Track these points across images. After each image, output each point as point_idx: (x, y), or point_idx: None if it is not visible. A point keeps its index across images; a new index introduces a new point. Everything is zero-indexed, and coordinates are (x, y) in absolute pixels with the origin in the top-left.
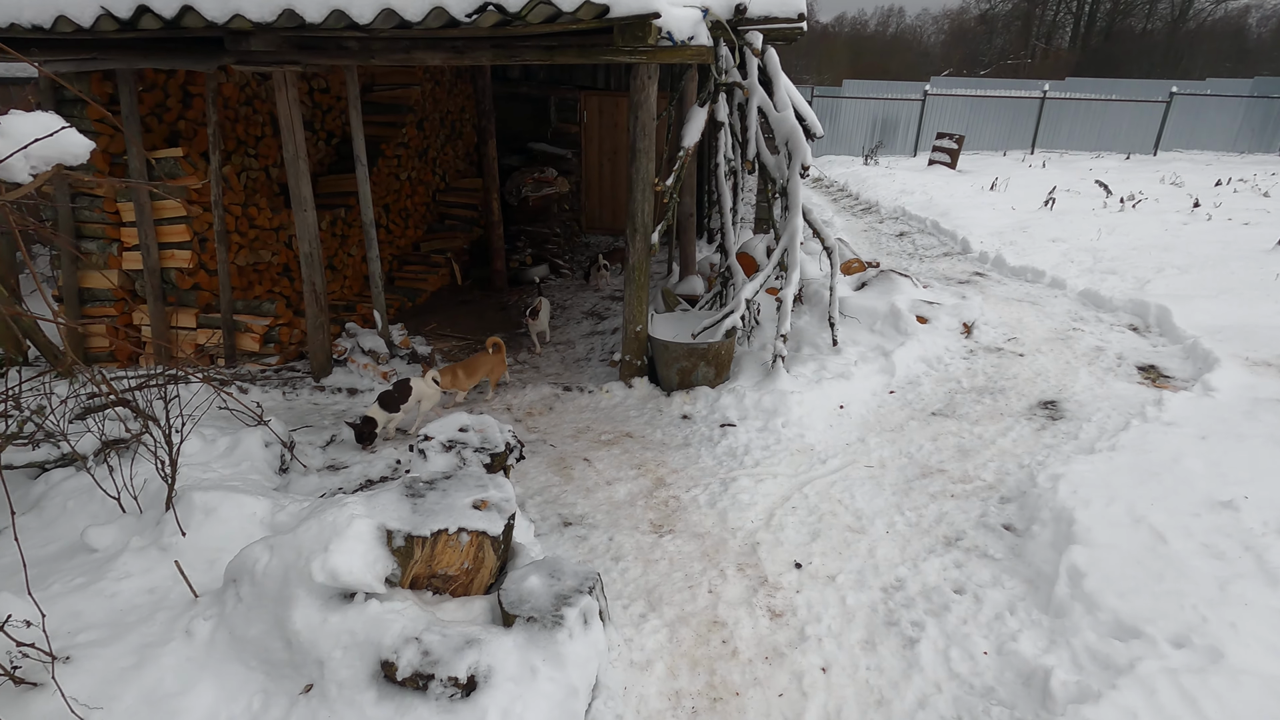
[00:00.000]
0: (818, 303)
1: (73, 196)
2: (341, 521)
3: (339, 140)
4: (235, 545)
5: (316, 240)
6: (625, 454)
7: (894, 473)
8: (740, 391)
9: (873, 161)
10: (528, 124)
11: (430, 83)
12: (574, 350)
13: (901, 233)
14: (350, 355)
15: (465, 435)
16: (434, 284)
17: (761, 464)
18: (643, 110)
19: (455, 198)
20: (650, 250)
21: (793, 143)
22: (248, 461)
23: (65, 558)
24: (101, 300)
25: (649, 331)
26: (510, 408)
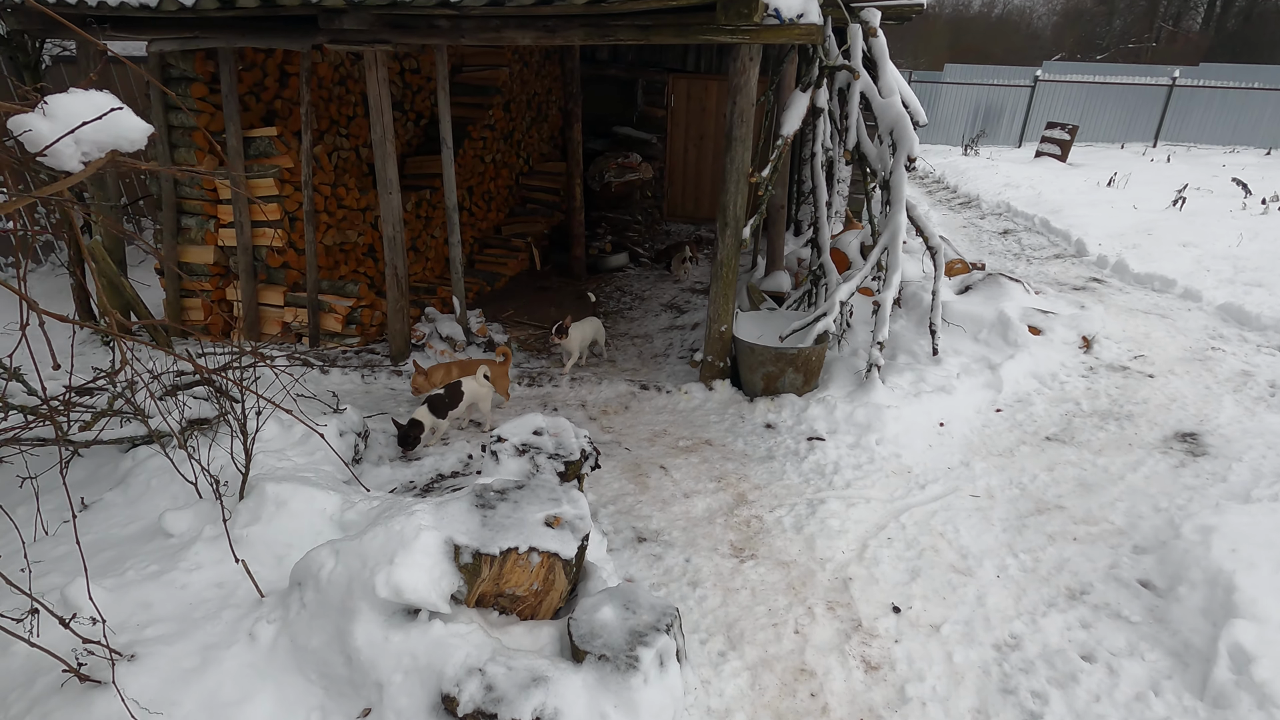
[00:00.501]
0: (916, 306)
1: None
2: (409, 533)
3: (427, 121)
4: (304, 541)
5: (400, 224)
6: (704, 464)
7: (1004, 506)
8: (830, 402)
9: (973, 152)
10: (613, 107)
11: (518, 64)
12: (652, 345)
13: (1005, 230)
14: (428, 341)
15: (539, 439)
16: (513, 269)
17: (853, 485)
18: (742, 95)
19: (538, 181)
20: (741, 246)
21: (898, 132)
22: (321, 451)
23: (144, 540)
24: (198, 275)
25: (733, 331)
26: (585, 404)
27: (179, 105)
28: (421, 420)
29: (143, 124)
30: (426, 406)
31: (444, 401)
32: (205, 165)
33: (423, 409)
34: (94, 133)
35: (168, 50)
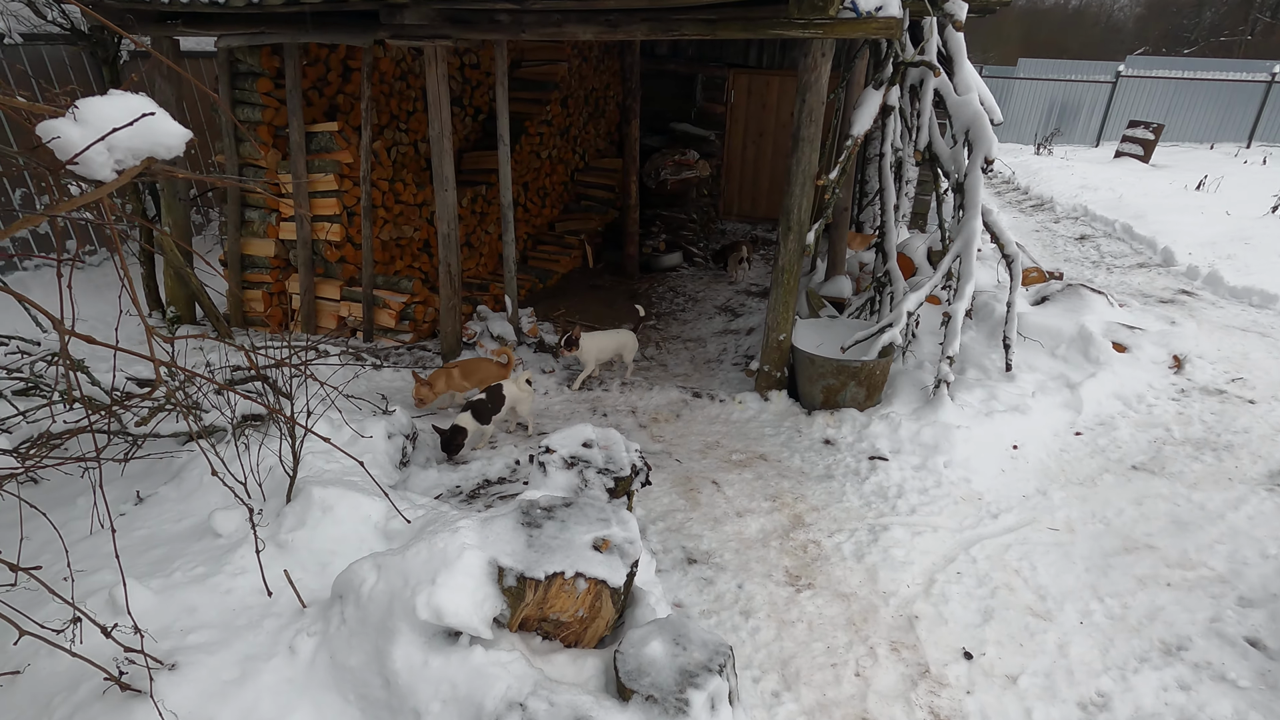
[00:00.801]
0: (987, 317)
1: (240, 167)
2: (451, 551)
3: (485, 116)
4: (348, 549)
5: (455, 221)
6: (758, 480)
7: (1086, 542)
8: (894, 419)
9: (1046, 151)
10: (671, 103)
11: (577, 59)
12: (705, 349)
13: (1082, 236)
14: (479, 339)
15: (589, 452)
16: (566, 266)
17: (918, 511)
18: (811, 93)
19: (593, 178)
20: (804, 251)
21: (975, 131)
22: (370, 454)
23: (193, 538)
24: (260, 267)
25: (792, 340)
26: (635, 410)
27: (245, 100)
28: (464, 426)
29: (180, 129)
30: (470, 413)
31: (487, 407)
32: (269, 159)
33: (466, 415)
34: (129, 139)
35: (235, 45)
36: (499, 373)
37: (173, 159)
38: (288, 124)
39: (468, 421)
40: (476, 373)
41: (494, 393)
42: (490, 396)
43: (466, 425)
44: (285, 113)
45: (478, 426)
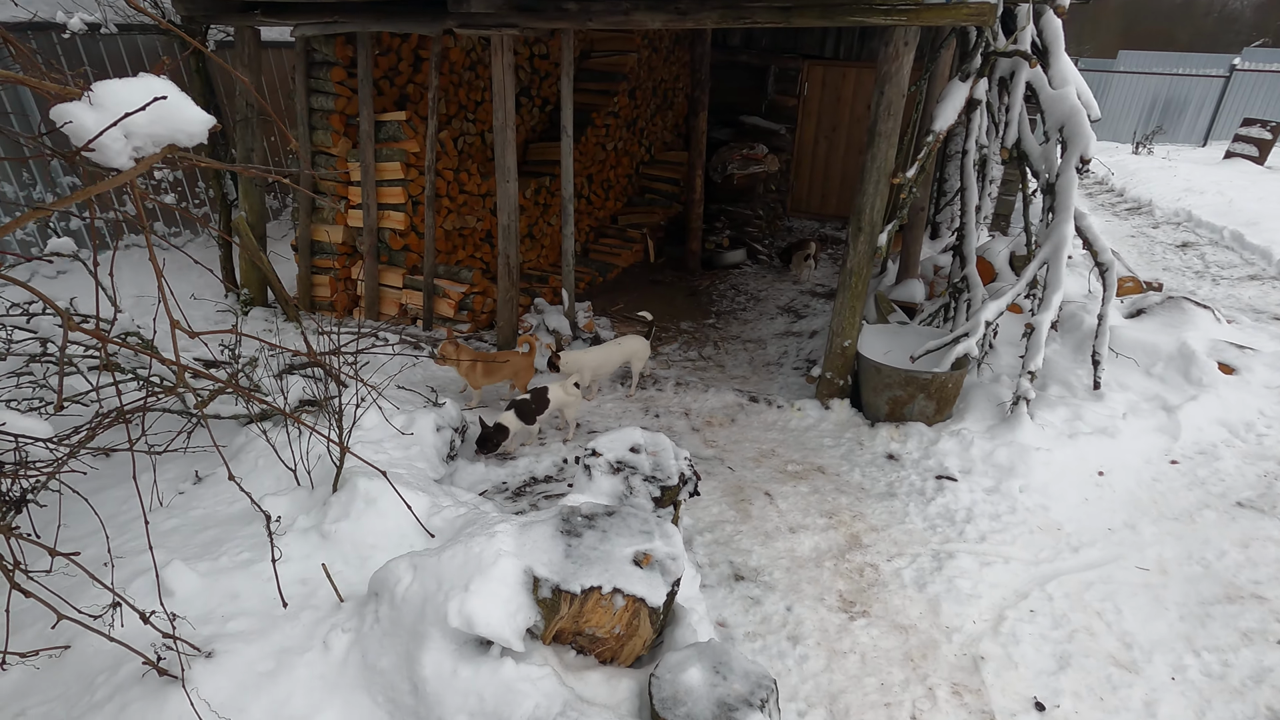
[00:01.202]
0: (1075, 329)
1: (313, 154)
2: (487, 557)
3: (553, 107)
4: (389, 543)
5: (516, 212)
6: (815, 494)
7: (1181, 586)
8: (966, 436)
9: (1145, 150)
10: (742, 95)
11: (647, 50)
12: (764, 351)
13: (1185, 243)
14: (534, 333)
15: (636, 458)
16: (627, 260)
17: (988, 539)
18: (891, 85)
19: (658, 171)
20: (876, 254)
21: (1071, 128)
22: (417, 446)
23: (244, 522)
24: (328, 253)
25: (858, 347)
26: (689, 412)
27: (320, 89)
28: (507, 425)
29: (203, 115)
30: (514, 412)
31: (530, 407)
32: (339, 147)
33: (509, 414)
34: (148, 125)
35: (310, 35)
36: (524, 364)
37: (196, 146)
38: (359, 113)
39: (510, 420)
40: (499, 369)
41: (539, 394)
42: (535, 398)
43: (509, 424)
44: (357, 101)
45: (521, 426)
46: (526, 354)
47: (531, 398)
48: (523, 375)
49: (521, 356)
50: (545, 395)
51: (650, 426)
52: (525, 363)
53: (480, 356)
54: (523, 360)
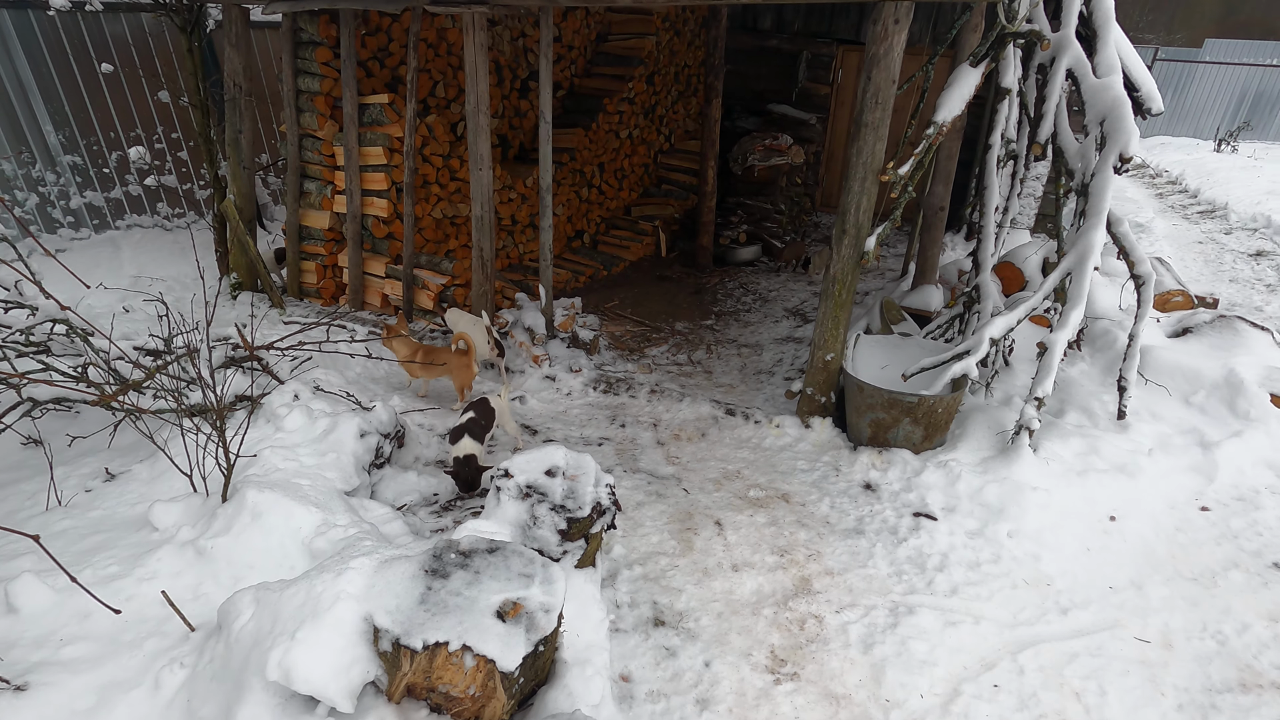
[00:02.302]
0: (1105, 348)
1: (300, 137)
2: (325, 601)
3: (564, 93)
4: (269, 565)
5: (490, 202)
6: (771, 526)
7: (1186, 665)
8: (954, 468)
9: (1229, 148)
10: (772, 83)
11: (668, 33)
12: (759, 358)
13: (1259, 252)
14: (511, 330)
15: (550, 482)
16: (636, 253)
17: (960, 592)
18: (879, 69)
19: (677, 160)
20: (862, 261)
21: (1111, 122)
22: (334, 453)
23: (133, 528)
24: (315, 239)
25: (845, 362)
26: (658, 423)
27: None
28: (473, 453)
29: None
30: (468, 437)
31: (481, 425)
32: (325, 130)
33: (467, 441)
34: None
35: (284, 12)
36: (460, 365)
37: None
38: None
39: (471, 446)
40: (435, 361)
41: (482, 408)
42: (480, 411)
43: (474, 451)
44: None
45: (482, 448)
46: (463, 353)
47: (478, 414)
48: (460, 374)
49: (457, 355)
50: (489, 406)
51: (613, 437)
52: (462, 362)
53: (419, 350)
54: (458, 359)
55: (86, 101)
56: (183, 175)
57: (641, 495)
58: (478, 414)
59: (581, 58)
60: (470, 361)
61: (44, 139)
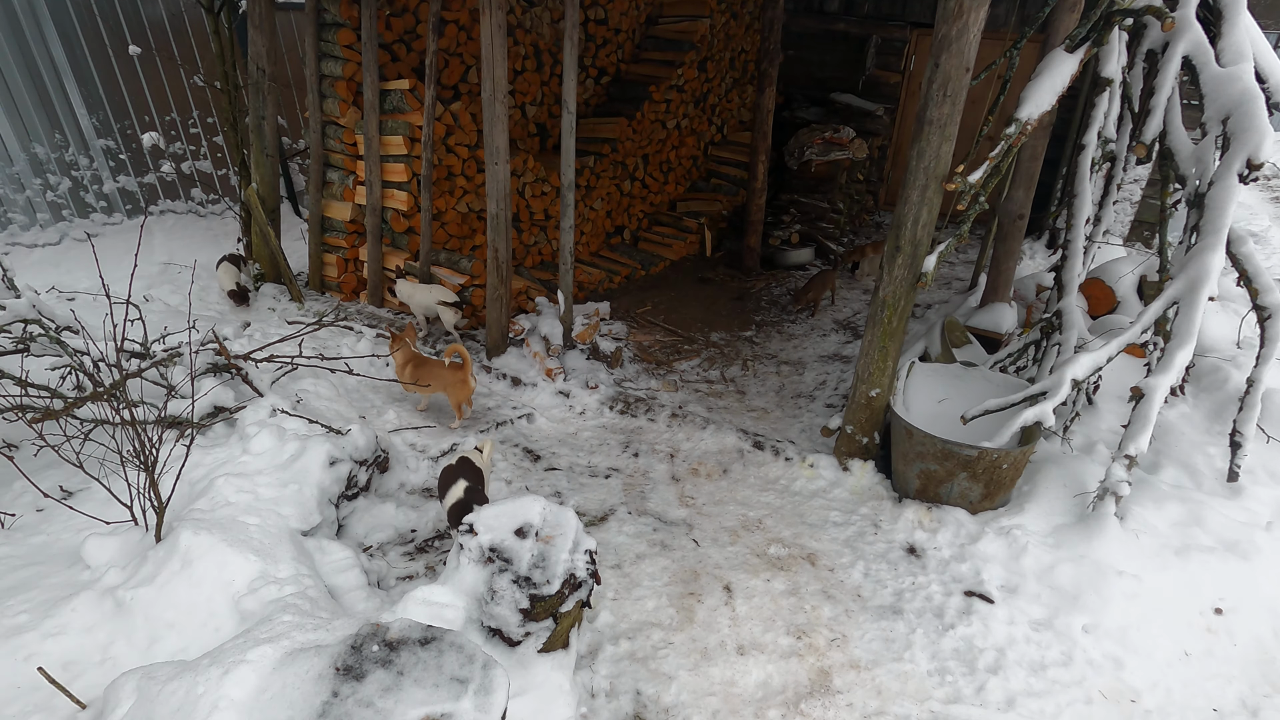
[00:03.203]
0: (1212, 388)
1: (323, 124)
2: (201, 710)
3: (610, 79)
4: (191, 624)
5: (507, 199)
6: (791, 595)
7: None
8: (1019, 538)
9: None
10: (837, 70)
11: (724, 15)
12: (800, 378)
13: None
14: (527, 337)
15: (518, 545)
16: (678, 252)
17: (1019, 705)
18: (949, 54)
19: (728, 153)
20: (919, 284)
21: (1238, 120)
22: (296, 484)
23: (65, 563)
24: (337, 231)
25: (893, 399)
26: (675, 454)
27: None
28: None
29: None
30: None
31: (479, 490)
32: (347, 117)
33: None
34: None
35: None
36: (455, 380)
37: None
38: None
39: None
40: (431, 376)
41: (466, 469)
42: (468, 474)
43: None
44: None
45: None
46: (457, 367)
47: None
48: (455, 390)
49: (451, 370)
50: (474, 466)
51: (623, 469)
52: (457, 377)
53: (417, 360)
54: (452, 374)
55: (121, 85)
56: (218, 160)
57: (644, 545)
58: (465, 474)
59: (629, 41)
60: (466, 376)
61: (77, 122)
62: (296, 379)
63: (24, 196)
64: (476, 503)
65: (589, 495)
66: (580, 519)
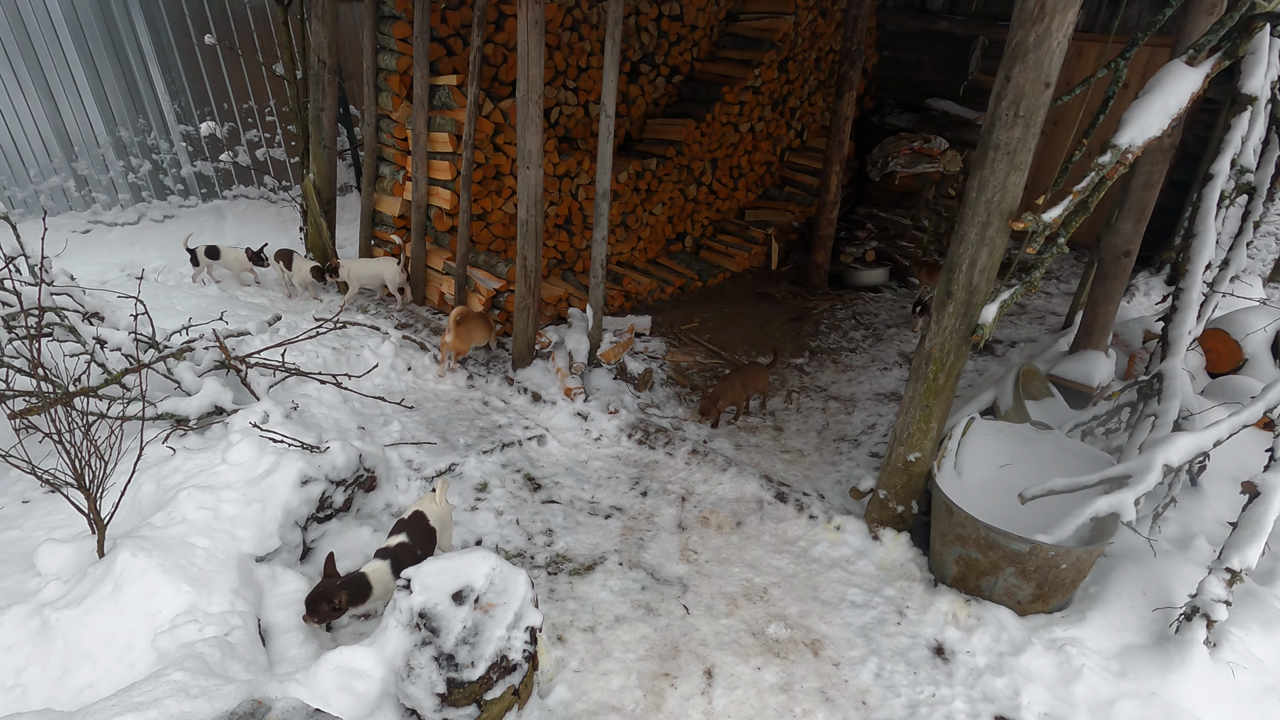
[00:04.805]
0: None
1: (377, 118)
2: None
3: (683, 78)
4: (106, 657)
5: (538, 206)
6: (782, 693)
7: None
8: (1074, 656)
9: None
10: (936, 73)
11: (812, 12)
12: (848, 418)
13: None
14: (553, 351)
15: (450, 612)
16: (740, 263)
17: None
18: (1023, 65)
19: (806, 160)
20: (973, 338)
21: None
22: (260, 504)
23: (23, 566)
24: (386, 226)
25: (937, 469)
26: (687, 497)
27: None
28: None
29: None
30: (388, 562)
31: (415, 553)
32: (399, 112)
33: (379, 564)
34: None
35: None
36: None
37: None
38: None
39: (379, 574)
40: (473, 332)
41: (418, 527)
42: (415, 534)
43: (372, 580)
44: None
45: (388, 584)
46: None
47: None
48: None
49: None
50: (427, 525)
51: (627, 509)
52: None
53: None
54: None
55: (203, 72)
56: (291, 149)
57: (627, 605)
58: (411, 536)
59: (706, 39)
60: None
61: (160, 108)
62: (303, 382)
63: (108, 177)
64: (395, 556)
65: (582, 537)
66: (564, 565)
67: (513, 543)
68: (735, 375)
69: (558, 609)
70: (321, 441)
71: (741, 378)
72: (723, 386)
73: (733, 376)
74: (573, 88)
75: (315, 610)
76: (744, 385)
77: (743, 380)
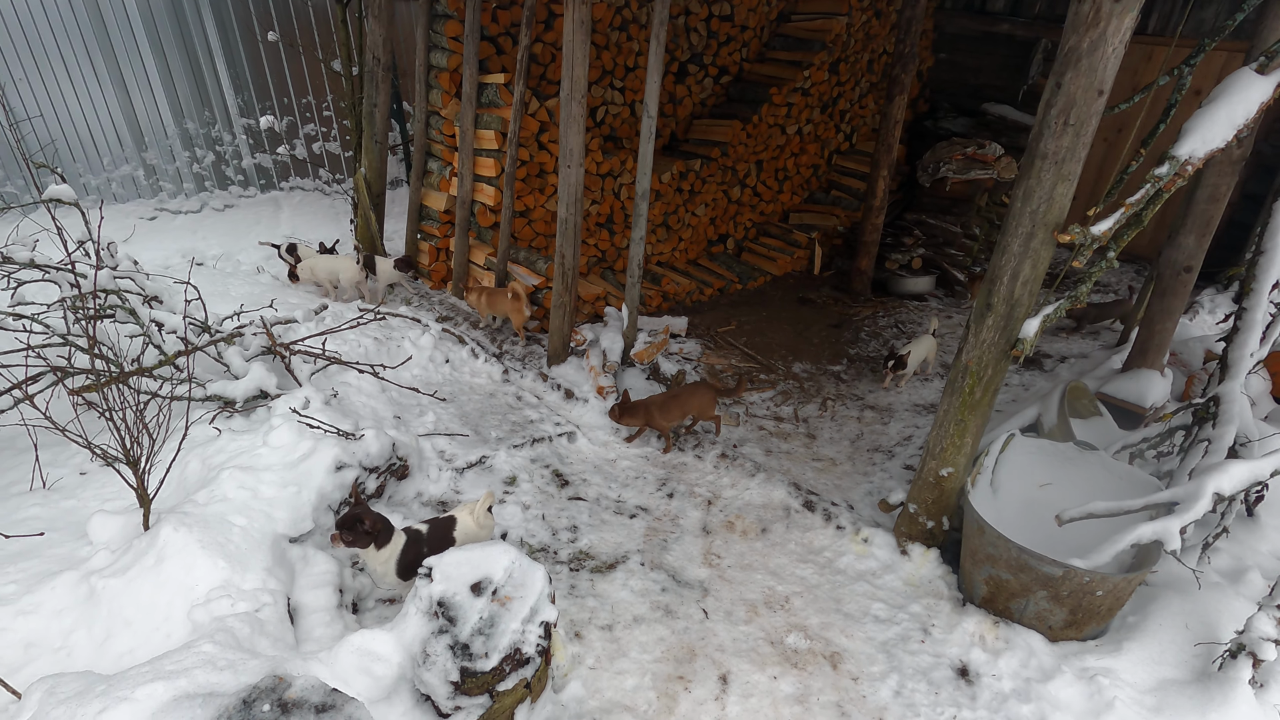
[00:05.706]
0: None
1: (428, 114)
2: None
3: (731, 79)
4: (147, 625)
5: (578, 205)
6: (797, 705)
7: None
8: (1107, 688)
9: None
10: (994, 76)
11: (866, 12)
12: (884, 428)
13: None
14: (588, 349)
15: (468, 603)
16: (782, 267)
17: None
18: (1076, 71)
19: (854, 163)
20: (1013, 352)
21: None
22: (296, 486)
23: (77, 533)
24: (432, 220)
25: (970, 481)
26: (713, 501)
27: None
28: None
29: None
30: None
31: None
32: (449, 109)
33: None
34: None
35: None
36: (513, 305)
37: None
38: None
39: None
40: (498, 301)
41: (440, 529)
42: (435, 533)
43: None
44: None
45: (396, 549)
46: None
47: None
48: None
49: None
50: (449, 530)
51: (652, 509)
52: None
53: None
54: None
55: (265, 67)
56: (345, 143)
57: (646, 606)
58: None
59: (756, 39)
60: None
61: (224, 101)
62: (344, 370)
63: (174, 167)
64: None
65: (606, 535)
66: (586, 562)
67: (537, 537)
68: (678, 392)
69: (577, 605)
70: (357, 429)
71: (683, 398)
72: (655, 400)
73: (673, 393)
74: (620, 87)
75: (348, 526)
76: (681, 406)
77: (681, 401)
